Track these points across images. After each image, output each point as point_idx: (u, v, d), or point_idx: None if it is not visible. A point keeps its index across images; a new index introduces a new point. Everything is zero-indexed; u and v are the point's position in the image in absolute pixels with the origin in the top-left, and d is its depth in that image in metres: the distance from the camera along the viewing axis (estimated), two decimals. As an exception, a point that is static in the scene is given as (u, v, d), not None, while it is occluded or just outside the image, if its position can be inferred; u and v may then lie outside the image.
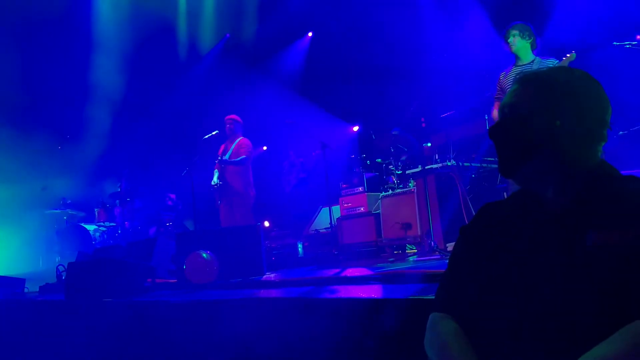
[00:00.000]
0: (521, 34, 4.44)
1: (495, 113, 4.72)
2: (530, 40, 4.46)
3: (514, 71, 4.53)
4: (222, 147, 6.91)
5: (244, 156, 6.65)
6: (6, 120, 8.64)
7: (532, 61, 4.45)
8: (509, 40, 4.48)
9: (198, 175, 6.60)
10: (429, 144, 6.30)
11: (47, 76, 8.99)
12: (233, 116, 6.92)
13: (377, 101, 8.21)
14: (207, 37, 10.15)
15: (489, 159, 6.01)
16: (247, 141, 6.84)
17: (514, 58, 4.57)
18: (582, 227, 1.09)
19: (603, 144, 1.20)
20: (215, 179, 6.70)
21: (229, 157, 6.70)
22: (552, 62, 4.39)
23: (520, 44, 4.45)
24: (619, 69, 4.86)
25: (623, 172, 1.18)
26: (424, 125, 5.32)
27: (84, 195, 9.55)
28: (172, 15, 9.71)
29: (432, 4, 7.58)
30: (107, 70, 9.36)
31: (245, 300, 3.15)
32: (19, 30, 8.74)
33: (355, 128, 9.18)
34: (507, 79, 4.58)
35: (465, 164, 5.86)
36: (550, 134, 1.18)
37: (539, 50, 4.55)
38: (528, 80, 1.25)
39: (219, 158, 6.65)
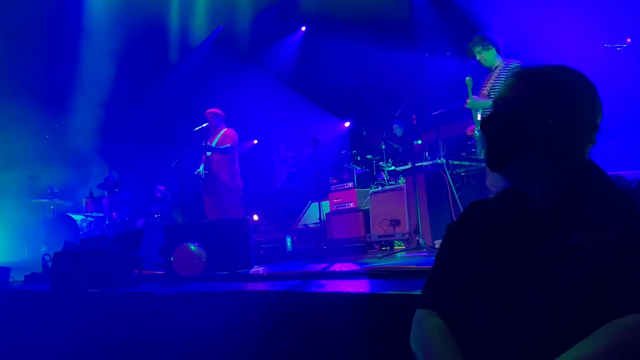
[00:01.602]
0: (484, 47, 4.52)
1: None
2: (493, 48, 4.54)
3: (488, 78, 4.61)
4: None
5: (229, 145, 6.62)
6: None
7: (497, 66, 4.54)
8: (478, 59, 4.56)
9: (188, 167, 6.57)
10: (420, 141, 6.33)
11: (36, 65, 8.88)
12: (214, 110, 6.87)
13: (368, 97, 8.22)
14: (199, 29, 10.07)
15: (478, 157, 6.04)
16: (232, 131, 6.81)
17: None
18: (567, 226, 1.10)
19: (591, 146, 1.21)
20: (200, 169, 6.67)
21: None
22: (515, 64, 4.43)
23: (488, 56, 4.54)
24: (609, 71, 4.91)
25: (609, 173, 1.19)
26: (415, 122, 5.34)
27: (72, 185, 9.47)
28: (164, 6, 9.61)
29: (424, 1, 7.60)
30: (97, 60, 9.27)
31: (232, 293, 3.14)
32: (6, 18, 8.62)
33: (347, 124, 9.19)
34: (484, 86, 4.64)
35: (455, 162, 5.90)
36: (542, 132, 1.17)
37: (503, 52, 4.62)
38: (525, 76, 1.25)
39: (204, 143, 6.61)
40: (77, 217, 8.28)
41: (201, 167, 6.71)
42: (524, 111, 1.19)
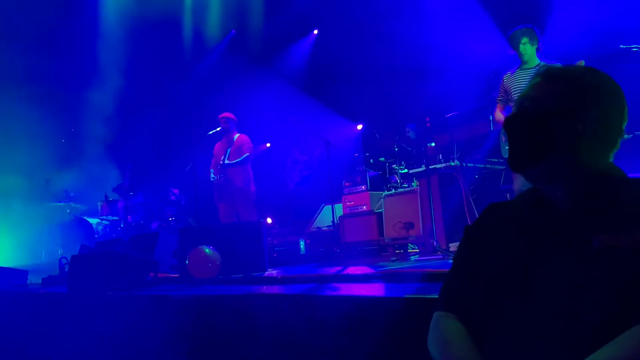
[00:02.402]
0: (530, 41, 4.39)
1: (497, 114, 4.73)
2: (536, 45, 4.43)
3: (520, 74, 4.50)
4: (218, 146, 6.89)
5: (247, 154, 6.63)
6: (10, 113, 8.66)
7: (538, 65, 4.39)
8: (520, 50, 4.41)
9: (201, 170, 6.61)
10: (433, 144, 6.31)
11: (51, 68, 9.00)
12: (226, 114, 6.88)
13: (381, 100, 8.20)
14: (213, 33, 10.15)
15: (492, 159, 6.01)
16: (246, 138, 6.82)
17: (518, 59, 4.55)
18: (589, 229, 1.09)
19: (615, 151, 1.19)
20: (213, 175, 6.70)
21: (229, 156, 6.70)
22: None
23: (530, 51, 4.42)
24: (625, 72, 4.84)
25: (630, 175, 1.18)
26: (428, 125, 5.32)
27: (88, 189, 9.57)
28: (178, 10, 9.72)
29: (437, 3, 7.56)
30: (112, 64, 9.39)
31: (247, 296, 3.16)
32: (23, 21, 8.75)
33: (359, 127, 9.19)
34: (512, 81, 4.54)
35: (469, 164, 5.87)
36: (569, 135, 1.14)
37: (541, 53, 4.51)
38: (554, 76, 1.20)
39: (221, 162, 6.65)
40: (93, 221, 8.38)
41: (212, 173, 6.73)
42: (552, 113, 1.16)
